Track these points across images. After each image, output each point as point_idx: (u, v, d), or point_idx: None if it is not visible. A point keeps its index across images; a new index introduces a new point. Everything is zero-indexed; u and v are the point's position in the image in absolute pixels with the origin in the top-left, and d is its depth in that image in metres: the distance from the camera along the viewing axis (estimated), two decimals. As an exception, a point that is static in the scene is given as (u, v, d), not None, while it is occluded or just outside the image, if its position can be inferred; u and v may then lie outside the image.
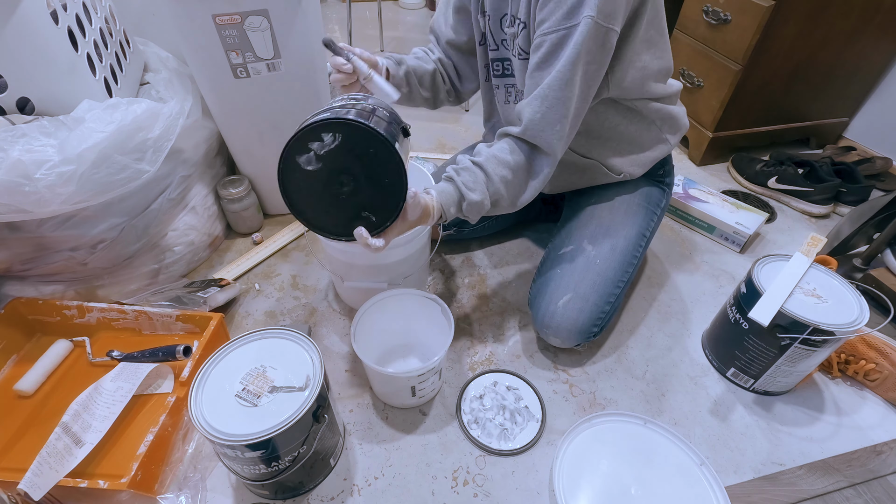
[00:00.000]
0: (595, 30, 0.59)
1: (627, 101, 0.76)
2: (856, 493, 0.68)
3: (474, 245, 1.07)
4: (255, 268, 1.01)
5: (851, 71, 1.25)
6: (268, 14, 0.82)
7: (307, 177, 0.56)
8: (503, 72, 0.79)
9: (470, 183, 0.65)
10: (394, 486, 0.67)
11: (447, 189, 0.65)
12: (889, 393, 0.78)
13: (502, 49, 0.77)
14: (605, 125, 0.78)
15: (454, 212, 0.66)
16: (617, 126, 0.79)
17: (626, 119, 0.78)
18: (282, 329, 0.62)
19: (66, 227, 0.76)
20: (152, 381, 0.74)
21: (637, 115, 0.78)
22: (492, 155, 0.66)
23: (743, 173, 1.28)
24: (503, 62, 0.78)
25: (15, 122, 0.69)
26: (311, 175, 0.56)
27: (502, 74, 0.80)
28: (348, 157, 0.55)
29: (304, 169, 0.55)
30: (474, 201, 0.65)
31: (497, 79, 0.81)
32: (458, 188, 0.65)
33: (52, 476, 0.58)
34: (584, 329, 0.77)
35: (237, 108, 0.94)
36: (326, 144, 0.54)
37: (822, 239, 0.79)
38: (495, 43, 0.77)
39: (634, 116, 0.79)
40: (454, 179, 0.66)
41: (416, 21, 2.39)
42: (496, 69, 0.80)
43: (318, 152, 0.54)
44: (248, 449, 0.52)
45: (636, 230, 0.84)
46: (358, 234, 0.58)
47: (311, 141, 0.54)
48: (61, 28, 0.70)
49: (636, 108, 0.77)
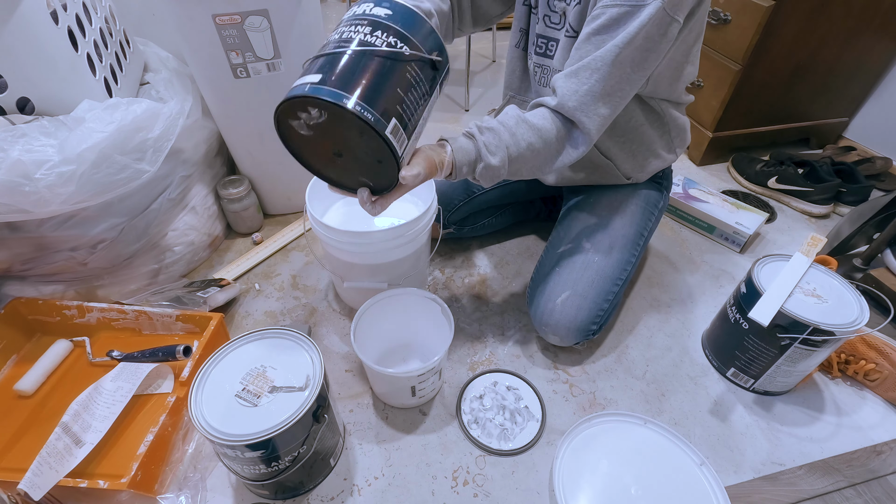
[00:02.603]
0: (661, 17, 0.57)
1: (653, 101, 0.75)
2: (856, 493, 0.68)
3: (474, 245, 1.07)
4: (255, 268, 1.01)
5: (851, 71, 1.25)
6: (268, 14, 0.82)
7: (303, 138, 0.52)
8: (545, 50, 0.74)
9: (492, 145, 0.59)
10: (394, 486, 0.67)
11: (466, 146, 0.59)
12: (889, 393, 0.78)
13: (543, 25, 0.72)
14: (629, 125, 0.77)
15: (466, 171, 0.60)
16: (639, 127, 0.78)
17: (648, 120, 0.78)
18: (282, 329, 0.62)
19: (66, 227, 0.76)
20: (152, 381, 0.74)
21: (658, 118, 0.78)
22: (523, 119, 0.61)
23: (743, 173, 1.28)
24: (547, 41, 0.73)
25: (15, 122, 0.69)
26: (307, 138, 0.52)
27: (544, 53, 0.74)
28: (337, 133, 0.50)
29: (298, 132, 0.52)
30: (492, 165, 0.59)
31: (538, 56, 0.76)
32: (478, 148, 0.59)
33: (52, 476, 0.58)
34: (582, 327, 0.77)
35: (237, 108, 0.94)
36: (314, 118, 0.49)
37: (822, 239, 0.79)
38: (539, 17, 0.72)
39: (655, 120, 0.78)
40: (475, 138, 0.60)
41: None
42: (540, 47, 0.74)
43: (308, 123, 0.50)
44: (248, 449, 0.52)
45: (634, 229, 0.84)
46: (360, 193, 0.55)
47: (298, 111, 0.49)
48: (61, 28, 0.70)
49: (659, 111, 0.77)
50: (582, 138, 0.63)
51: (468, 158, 0.59)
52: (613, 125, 0.75)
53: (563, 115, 0.62)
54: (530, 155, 0.61)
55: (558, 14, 0.69)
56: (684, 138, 0.84)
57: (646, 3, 0.56)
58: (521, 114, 0.62)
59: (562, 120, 0.62)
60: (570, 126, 0.63)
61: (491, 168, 0.60)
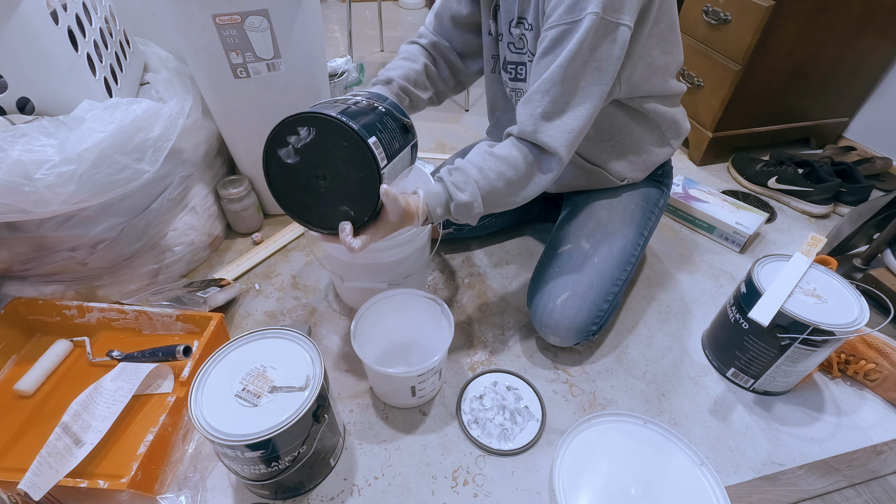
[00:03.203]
0: (600, 25, 0.57)
1: (634, 102, 0.75)
2: (856, 493, 0.68)
3: (474, 245, 1.07)
4: (255, 268, 1.01)
5: (851, 71, 1.25)
6: (268, 14, 0.82)
7: (288, 170, 0.57)
8: (515, 75, 0.76)
9: (460, 183, 0.62)
10: (394, 486, 0.67)
11: (435, 189, 0.63)
12: (889, 393, 0.78)
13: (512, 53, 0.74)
14: (612, 128, 0.78)
15: (441, 213, 0.63)
16: (623, 129, 0.78)
17: (632, 121, 0.78)
18: (282, 329, 0.62)
19: (66, 227, 0.76)
20: (152, 381, 0.74)
21: (643, 117, 0.78)
22: (489, 153, 0.63)
23: (743, 173, 1.28)
24: (516, 66, 0.75)
25: (15, 122, 0.69)
26: (292, 168, 0.56)
27: (515, 78, 0.77)
28: (323, 150, 0.55)
29: (284, 162, 0.56)
30: (462, 202, 0.62)
31: (512, 81, 0.78)
32: (447, 188, 0.62)
33: (52, 476, 0.58)
34: (582, 327, 0.77)
35: (237, 108, 0.94)
36: (302, 138, 0.54)
37: (822, 239, 0.79)
38: (507, 46, 0.75)
39: (641, 119, 0.78)
40: (444, 180, 0.63)
41: (415, 21, 2.39)
42: (510, 72, 0.77)
43: (296, 146, 0.55)
44: (248, 449, 0.52)
45: (634, 229, 0.84)
46: (341, 227, 0.57)
47: (288, 135, 0.55)
48: (61, 28, 0.70)
49: (643, 111, 0.77)
50: (552, 160, 0.64)
51: (439, 200, 0.62)
52: (596, 131, 0.76)
53: (526, 139, 0.63)
54: (503, 185, 0.63)
55: (520, 40, 0.71)
56: (678, 129, 0.83)
57: (581, 17, 0.57)
58: (488, 148, 0.64)
59: (528, 146, 0.64)
60: (538, 150, 0.64)
61: (463, 204, 0.62)
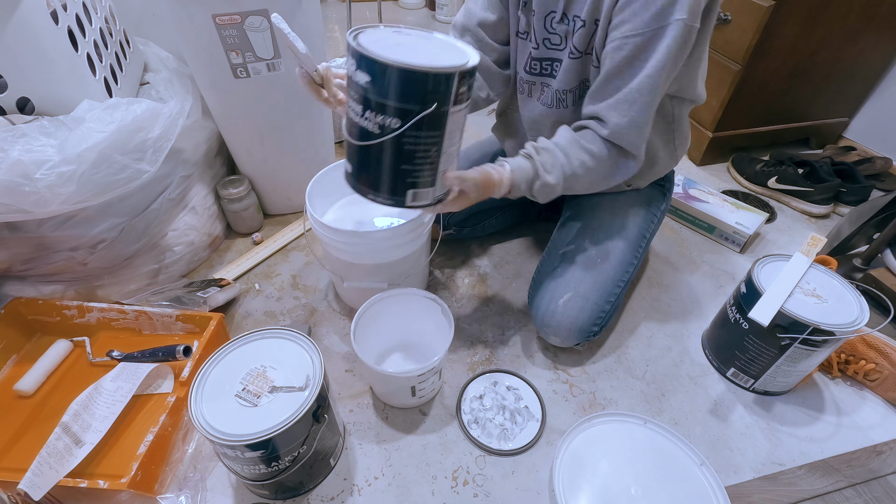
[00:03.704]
0: (685, 32, 0.56)
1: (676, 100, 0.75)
2: (856, 493, 0.68)
3: (474, 245, 1.07)
4: (255, 268, 1.01)
5: (851, 71, 1.25)
6: (268, 14, 0.82)
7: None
8: (541, 70, 0.75)
9: (548, 164, 0.63)
10: (394, 486, 0.67)
11: (523, 166, 0.64)
12: (889, 393, 0.78)
13: (543, 48, 0.73)
14: None
15: (524, 189, 0.64)
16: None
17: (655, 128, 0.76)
18: (282, 329, 0.62)
19: (66, 227, 0.76)
20: (152, 381, 0.74)
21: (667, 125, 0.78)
22: (575, 140, 0.65)
23: (743, 173, 1.28)
24: (542, 62, 0.74)
25: (15, 122, 0.69)
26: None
27: (539, 73, 0.76)
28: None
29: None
30: (548, 183, 0.63)
31: (531, 75, 0.77)
32: (535, 167, 0.64)
33: (52, 476, 0.58)
34: (584, 328, 0.77)
35: (237, 108, 0.94)
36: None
37: (822, 239, 0.79)
38: (536, 41, 0.73)
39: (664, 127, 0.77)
40: (532, 158, 0.64)
41: (416, 21, 2.39)
42: (533, 67, 0.76)
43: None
44: (248, 449, 0.52)
45: (637, 231, 0.84)
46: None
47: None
48: (61, 28, 0.70)
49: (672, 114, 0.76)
50: (630, 162, 0.68)
51: (526, 177, 0.64)
52: None
53: (612, 142, 0.66)
54: (584, 173, 0.65)
55: (559, 36, 0.70)
56: (685, 143, 0.84)
57: (667, 23, 0.56)
58: (574, 135, 0.66)
59: (612, 146, 0.66)
60: (619, 151, 0.67)
61: (548, 185, 0.64)
